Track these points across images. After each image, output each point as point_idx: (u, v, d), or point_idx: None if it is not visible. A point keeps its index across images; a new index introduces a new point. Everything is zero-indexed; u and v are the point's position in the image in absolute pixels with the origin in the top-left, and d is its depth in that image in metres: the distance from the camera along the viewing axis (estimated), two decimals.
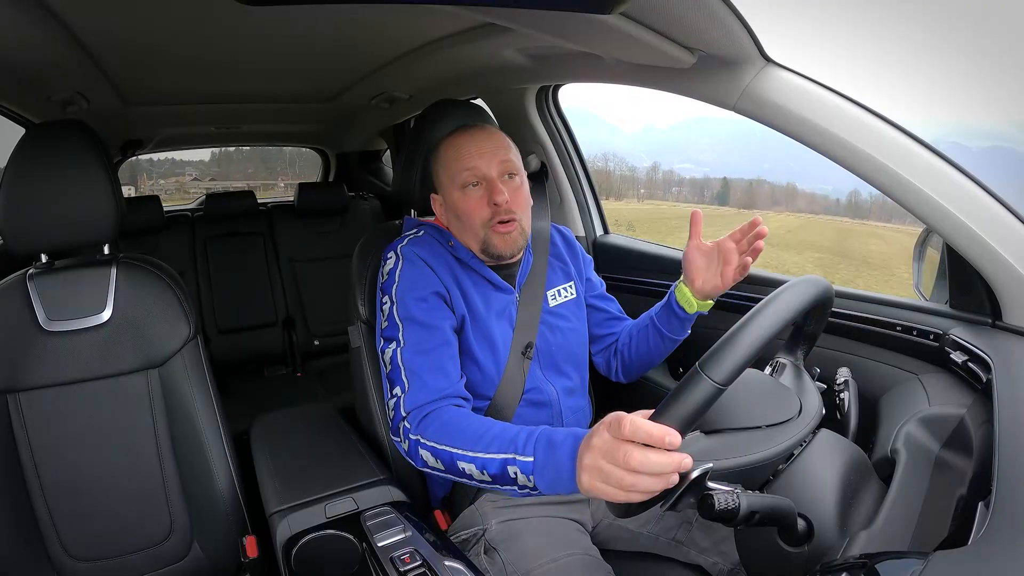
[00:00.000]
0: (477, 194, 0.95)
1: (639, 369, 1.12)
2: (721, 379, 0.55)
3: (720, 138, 11.80)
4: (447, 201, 0.99)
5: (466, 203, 0.95)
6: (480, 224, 0.95)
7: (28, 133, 0.98)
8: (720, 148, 11.87)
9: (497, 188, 0.93)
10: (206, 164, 2.39)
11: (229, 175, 3.72)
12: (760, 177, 8.32)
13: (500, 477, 0.74)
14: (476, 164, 0.94)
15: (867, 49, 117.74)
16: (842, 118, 0.84)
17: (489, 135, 0.97)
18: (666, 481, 0.56)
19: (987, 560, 0.48)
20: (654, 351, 1.07)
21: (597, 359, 1.17)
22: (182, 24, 1.10)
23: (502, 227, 0.95)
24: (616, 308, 1.17)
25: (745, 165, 13.28)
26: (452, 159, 0.96)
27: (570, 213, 1.62)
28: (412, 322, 0.91)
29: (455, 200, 0.96)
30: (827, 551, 0.63)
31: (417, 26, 1.19)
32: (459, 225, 0.98)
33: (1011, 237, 0.79)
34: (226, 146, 3.18)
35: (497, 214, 0.94)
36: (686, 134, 54.50)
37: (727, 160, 9.86)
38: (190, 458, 1.04)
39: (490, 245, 0.96)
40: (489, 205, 0.94)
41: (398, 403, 0.88)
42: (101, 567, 1.01)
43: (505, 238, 0.95)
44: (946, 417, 0.78)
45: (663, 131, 30.54)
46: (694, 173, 25.38)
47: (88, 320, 0.99)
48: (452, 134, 0.99)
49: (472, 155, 0.94)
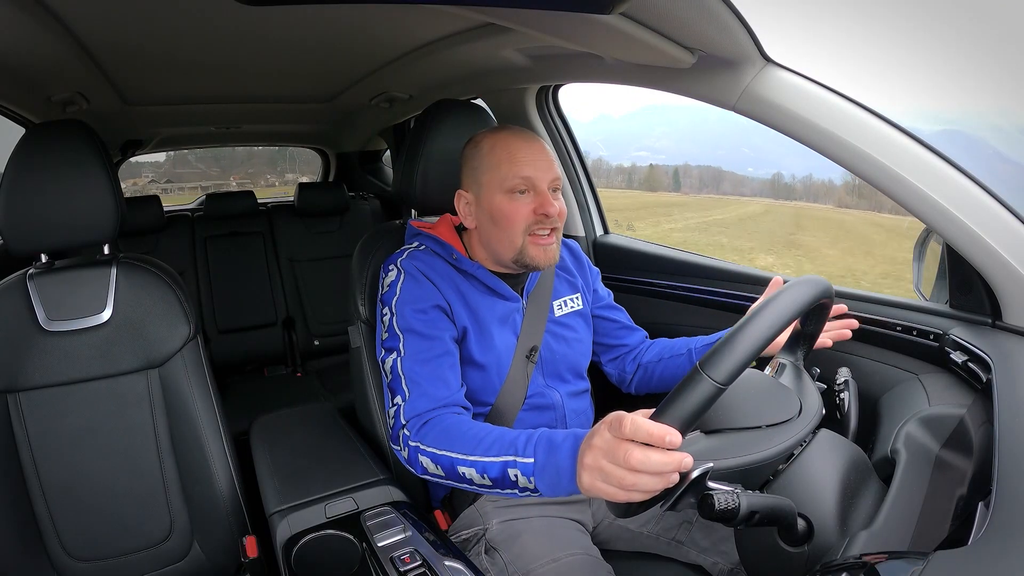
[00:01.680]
0: (525, 201, 0.92)
1: (657, 388, 1.11)
2: (721, 379, 0.55)
3: (676, 126, 11.81)
4: (485, 203, 0.94)
5: (512, 208, 0.92)
6: (522, 231, 0.92)
7: (28, 133, 0.98)
8: (676, 136, 11.92)
9: (548, 200, 0.91)
10: (162, 165, 2.40)
11: (184, 176, 3.73)
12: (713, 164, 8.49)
13: (501, 480, 0.74)
14: (531, 173, 0.91)
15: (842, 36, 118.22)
16: (842, 118, 0.84)
17: (542, 147, 0.95)
18: (666, 480, 0.56)
19: (987, 560, 0.48)
20: (679, 377, 1.04)
21: (609, 369, 1.16)
22: (182, 24, 1.10)
23: (544, 239, 0.93)
24: (625, 318, 1.16)
25: (701, 153, 13.42)
26: (505, 161, 0.92)
27: (570, 213, 1.62)
28: (412, 333, 0.91)
29: (498, 203, 0.93)
30: (827, 551, 0.63)
31: (417, 26, 1.19)
32: (492, 229, 0.95)
33: (1011, 237, 0.79)
34: (222, 146, 3.18)
35: (542, 223, 0.92)
36: (641, 123, 54.57)
37: (683, 148, 9.81)
38: (190, 458, 1.04)
39: (526, 255, 0.93)
40: (536, 214, 0.92)
41: (398, 411, 0.88)
42: (101, 567, 1.01)
43: (546, 250, 0.94)
44: (946, 417, 0.78)
45: (617, 120, 30.13)
46: (651, 160, 25.47)
47: (88, 320, 0.99)
48: (502, 132, 0.96)
49: (529, 163, 0.92)
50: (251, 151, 3.01)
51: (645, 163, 19.49)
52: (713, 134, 29.00)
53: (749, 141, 20.33)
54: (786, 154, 14.83)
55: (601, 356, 1.16)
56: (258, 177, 3.17)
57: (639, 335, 1.16)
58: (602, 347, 1.15)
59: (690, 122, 35.64)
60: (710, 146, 27.95)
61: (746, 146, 22.03)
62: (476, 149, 0.96)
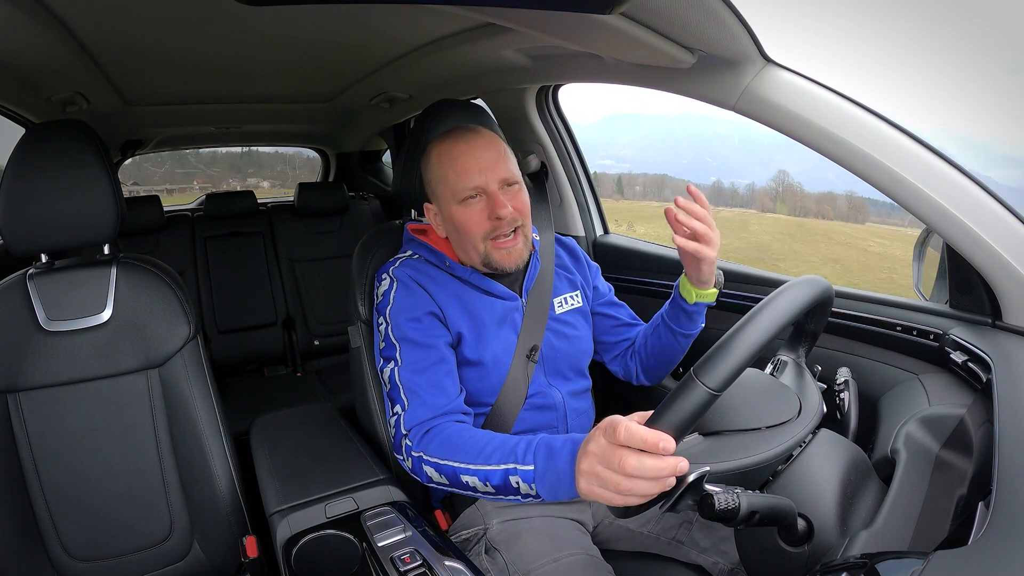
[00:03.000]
0: (478, 207, 0.92)
1: (658, 369, 1.09)
2: (715, 385, 0.55)
3: (640, 135, 11.87)
4: (444, 214, 0.96)
5: (466, 217, 0.92)
6: (480, 238, 0.93)
7: (28, 133, 0.98)
8: (640, 144, 11.91)
9: (499, 201, 0.91)
10: (126, 167, 2.42)
11: (149, 178, 3.79)
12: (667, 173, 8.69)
13: (503, 487, 0.75)
14: (477, 180, 0.91)
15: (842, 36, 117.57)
16: (842, 118, 0.84)
17: (487, 143, 0.94)
18: (662, 485, 0.56)
19: (987, 560, 0.48)
20: (668, 349, 1.05)
21: (614, 366, 1.16)
22: (182, 24, 1.09)
23: (505, 242, 0.93)
24: (627, 314, 1.16)
25: (665, 161, 13.38)
26: (450, 173, 0.92)
27: (570, 213, 1.62)
28: (407, 342, 0.92)
29: (453, 214, 0.94)
30: (827, 551, 0.63)
31: (417, 26, 1.19)
32: (458, 238, 0.97)
33: (1011, 237, 0.79)
34: (221, 147, 3.19)
35: (499, 227, 0.92)
36: (606, 131, 54.74)
37: (647, 156, 9.90)
38: (190, 458, 1.04)
39: (491, 260, 0.94)
40: (491, 219, 0.92)
41: (399, 421, 0.88)
42: (101, 567, 1.01)
43: (507, 253, 0.94)
44: (946, 417, 0.78)
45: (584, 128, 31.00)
46: (616, 169, 25.57)
47: (88, 320, 0.99)
48: (445, 140, 0.95)
49: (473, 171, 0.91)
50: (215, 155, 3.06)
51: (610, 171, 19.90)
52: (678, 143, 29.13)
53: (712, 150, 20.64)
54: (748, 163, 15.20)
55: (604, 355, 1.16)
56: (220, 180, 3.28)
57: (639, 328, 1.14)
58: (603, 345, 1.15)
59: (655, 132, 35.79)
60: (674, 154, 28.16)
61: (709, 155, 22.35)
62: (427, 160, 0.97)
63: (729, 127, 14.95)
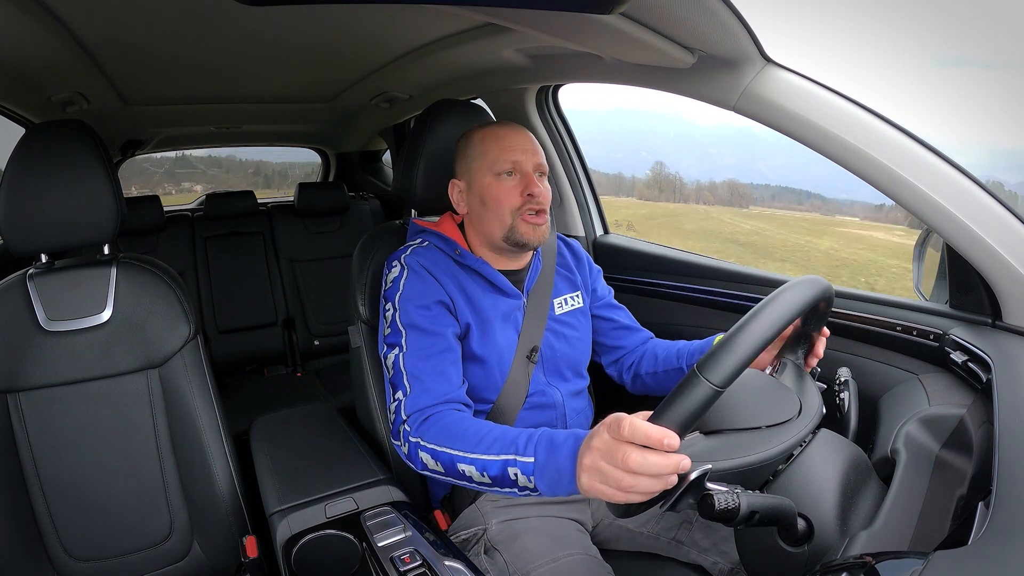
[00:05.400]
0: (511, 183, 0.97)
1: (658, 394, 1.09)
2: (718, 381, 0.55)
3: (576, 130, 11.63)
4: (475, 185, 0.99)
5: (499, 189, 0.97)
6: (509, 211, 0.96)
7: (28, 133, 0.98)
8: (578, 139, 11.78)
9: (533, 181, 0.96)
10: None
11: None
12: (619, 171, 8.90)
13: (500, 479, 0.74)
14: (517, 157, 0.97)
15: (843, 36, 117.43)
16: (842, 118, 0.84)
17: (529, 136, 1.00)
18: (664, 482, 0.56)
19: (987, 560, 0.48)
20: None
21: (610, 372, 1.16)
22: (182, 24, 1.10)
23: (534, 218, 0.97)
24: (626, 317, 1.16)
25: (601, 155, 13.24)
26: (493, 147, 0.98)
27: (570, 213, 1.62)
28: (414, 328, 0.91)
29: (486, 185, 0.97)
30: (827, 551, 0.63)
31: (417, 26, 1.19)
32: (482, 211, 0.99)
33: (1011, 237, 0.79)
34: (223, 146, 3.20)
35: (529, 204, 0.96)
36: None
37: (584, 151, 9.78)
38: (190, 458, 1.04)
39: (516, 232, 0.97)
40: (522, 195, 0.96)
41: (399, 407, 0.88)
42: (101, 567, 1.01)
43: (535, 228, 0.97)
44: (946, 417, 0.78)
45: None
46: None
47: (88, 320, 0.99)
48: (490, 125, 1.02)
49: (515, 148, 0.97)
50: (149, 161, 3.21)
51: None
52: (614, 138, 29.14)
53: (647, 144, 20.62)
54: (683, 156, 15.07)
55: (602, 358, 1.16)
56: (156, 186, 3.49)
57: (639, 336, 1.14)
58: (601, 347, 1.15)
59: (591, 127, 35.96)
60: (611, 148, 28.00)
61: (644, 149, 22.23)
62: (468, 140, 1.02)
63: (665, 121, 15.17)
